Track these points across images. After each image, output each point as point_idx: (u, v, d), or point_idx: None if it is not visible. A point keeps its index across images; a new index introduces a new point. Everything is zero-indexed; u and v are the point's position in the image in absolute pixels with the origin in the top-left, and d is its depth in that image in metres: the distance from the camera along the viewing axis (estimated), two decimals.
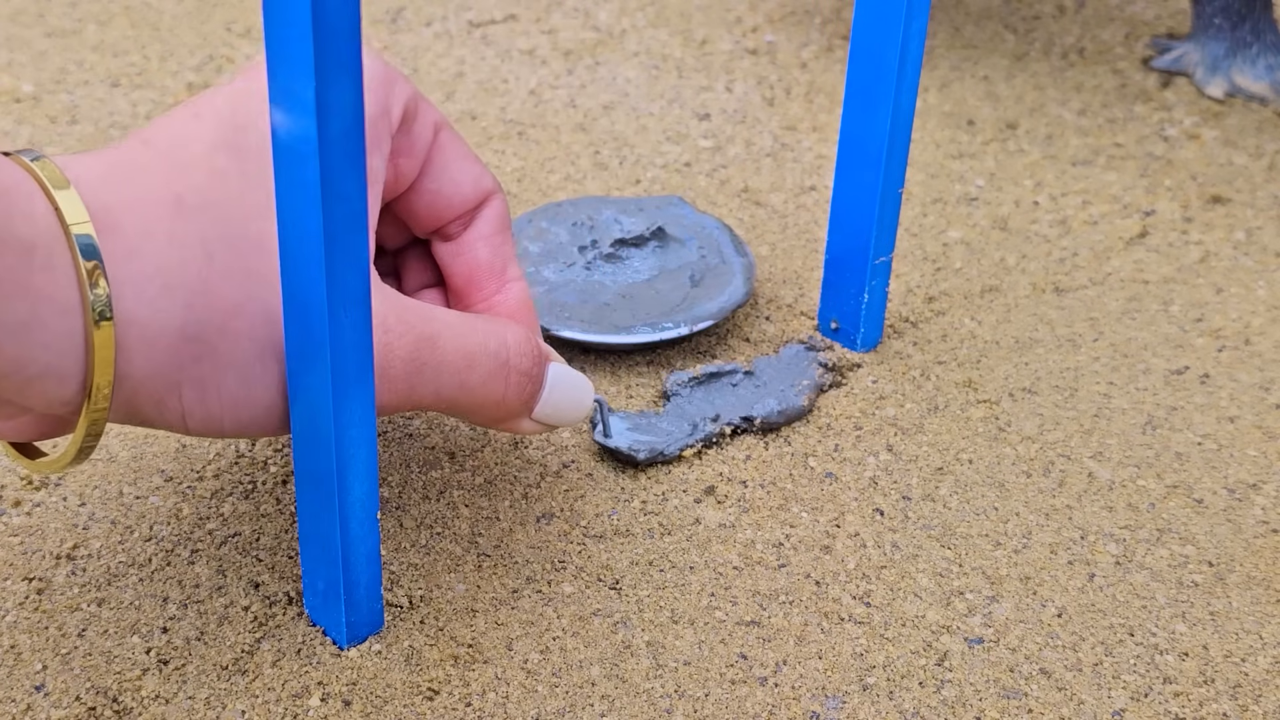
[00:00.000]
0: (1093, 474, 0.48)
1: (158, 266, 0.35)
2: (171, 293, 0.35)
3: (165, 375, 0.36)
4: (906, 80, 0.49)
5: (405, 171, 0.43)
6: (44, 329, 0.33)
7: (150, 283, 0.35)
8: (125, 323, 0.34)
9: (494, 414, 0.42)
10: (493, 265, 0.44)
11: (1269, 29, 0.73)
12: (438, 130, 0.43)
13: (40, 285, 0.33)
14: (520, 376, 0.41)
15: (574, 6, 0.80)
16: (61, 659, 0.40)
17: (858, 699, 0.40)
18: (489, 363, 0.40)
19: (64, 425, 0.38)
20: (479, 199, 0.44)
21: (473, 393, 0.40)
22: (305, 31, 0.31)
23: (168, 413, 0.37)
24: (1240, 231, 0.62)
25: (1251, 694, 0.41)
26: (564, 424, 0.44)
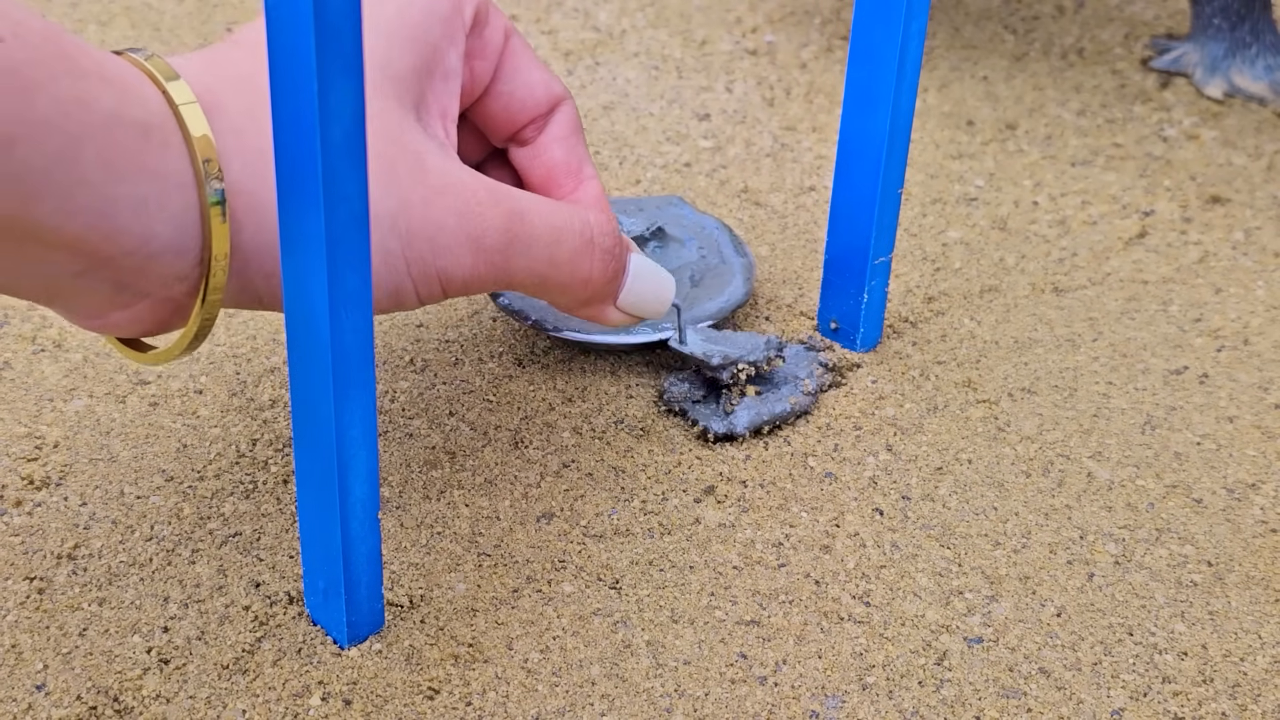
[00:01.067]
0: (1092, 474, 0.48)
1: (260, 143, 0.37)
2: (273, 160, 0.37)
3: (273, 244, 0.38)
4: (906, 80, 0.49)
5: (480, 74, 0.44)
6: (163, 204, 0.35)
7: (256, 155, 0.37)
8: (234, 193, 0.36)
9: (581, 293, 0.43)
10: (569, 164, 0.46)
11: (1268, 29, 0.73)
12: (508, 36, 0.45)
13: (158, 163, 0.35)
14: (604, 254, 0.43)
15: (574, 7, 0.80)
16: (62, 658, 0.40)
17: (857, 698, 0.40)
18: (575, 239, 0.42)
19: (178, 314, 0.39)
20: (551, 103, 0.46)
21: (560, 268, 0.42)
22: (307, 32, 0.31)
23: (276, 286, 0.38)
24: (1239, 232, 0.62)
25: (1250, 693, 0.41)
26: (648, 315, 0.46)
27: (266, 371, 0.51)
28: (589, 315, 0.45)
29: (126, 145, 0.34)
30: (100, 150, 0.34)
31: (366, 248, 0.35)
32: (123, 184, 0.34)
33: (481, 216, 0.40)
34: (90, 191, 0.34)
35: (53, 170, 0.33)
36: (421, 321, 0.54)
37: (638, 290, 0.45)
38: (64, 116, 0.33)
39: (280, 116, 0.33)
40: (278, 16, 0.32)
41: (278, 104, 0.33)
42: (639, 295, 0.45)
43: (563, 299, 0.44)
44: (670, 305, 0.47)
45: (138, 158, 0.35)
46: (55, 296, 0.37)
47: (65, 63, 0.33)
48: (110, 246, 0.35)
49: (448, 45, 0.42)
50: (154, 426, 0.48)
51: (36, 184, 0.33)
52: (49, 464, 0.47)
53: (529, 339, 0.54)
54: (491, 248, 0.40)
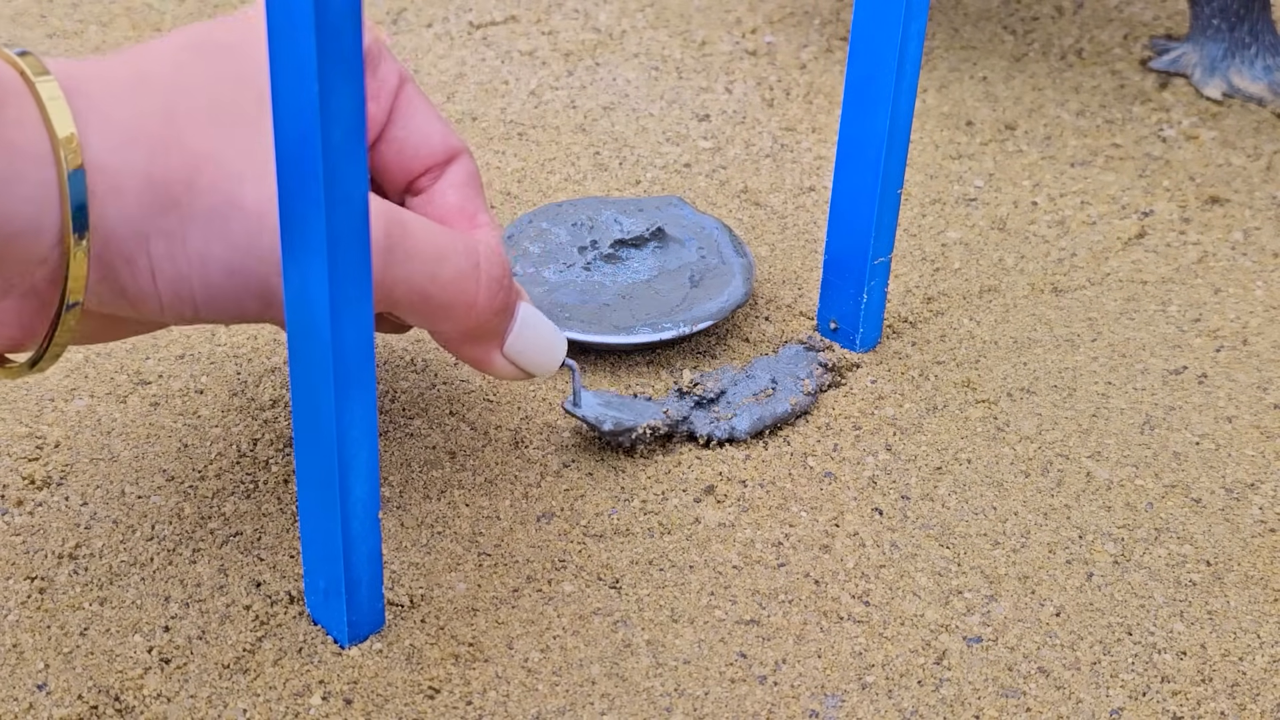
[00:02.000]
0: (1091, 473, 0.48)
1: (122, 121, 0.37)
2: (136, 143, 0.37)
3: (134, 225, 0.37)
4: (905, 81, 0.49)
5: (373, 115, 0.43)
6: (21, 181, 0.35)
7: (116, 133, 0.36)
8: (93, 168, 0.36)
9: (466, 320, 0.41)
10: (463, 210, 0.44)
11: (1267, 30, 0.73)
12: (403, 81, 0.44)
13: (13, 138, 0.35)
14: (491, 280, 0.41)
15: (574, 8, 0.80)
16: (64, 658, 0.40)
17: (857, 698, 0.40)
18: (460, 260, 0.40)
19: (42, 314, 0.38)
20: (448, 154, 0.45)
21: (445, 288, 0.40)
22: (308, 33, 0.31)
23: (139, 273, 0.37)
24: (1238, 232, 0.62)
25: (1249, 693, 0.41)
26: (536, 370, 0.44)
27: (267, 371, 0.51)
28: (475, 357, 0.43)
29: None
30: None
31: (367, 248, 0.35)
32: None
33: None
34: None
35: None
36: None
37: (526, 338, 0.43)
38: None
39: (280, 117, 0.33)
40: (278, 16, 0.32)
41: (278, 104, 0.33)
42: (526, 344, 0.43)
43: (447, 325, 0.42)
44: (561, 364, 0.45)
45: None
46: None
47: None
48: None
49: None
50: (155, 426, 0.49)
51: None
52: (50, 464, 0.47)
53: None
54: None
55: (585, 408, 0.48)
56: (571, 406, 0.48)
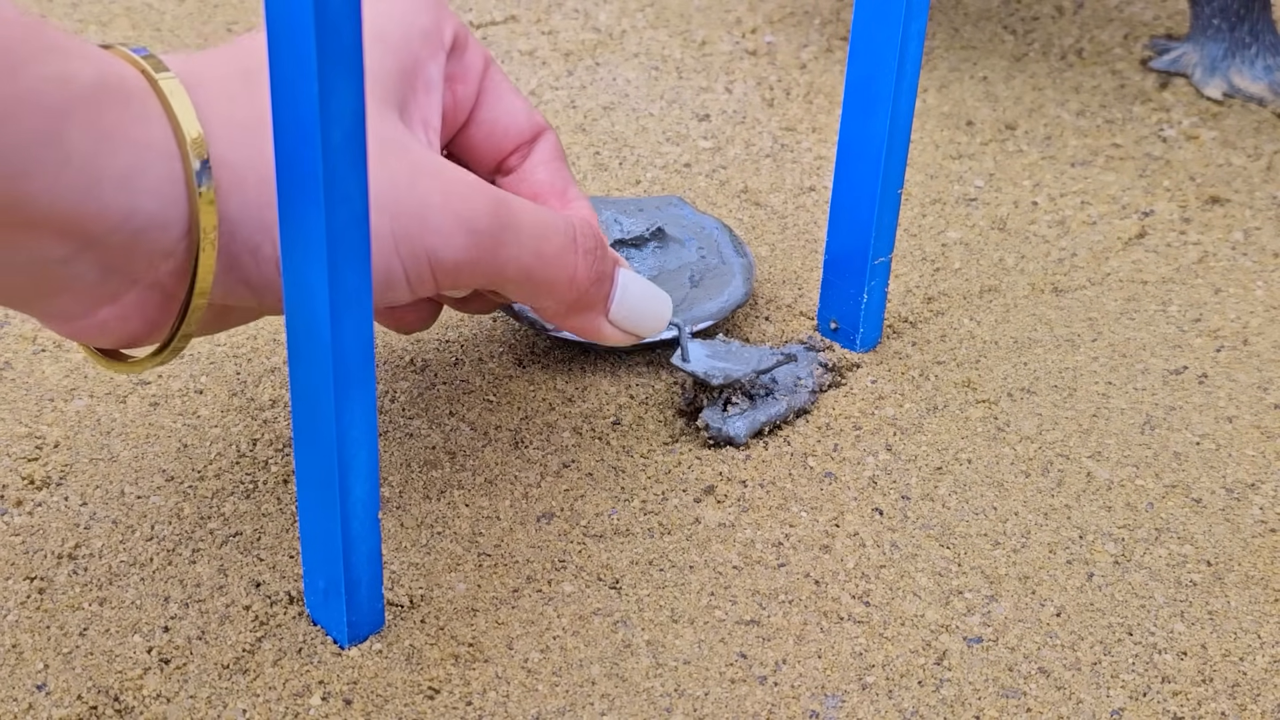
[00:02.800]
0: (1091, 474, 0.48)
1: (240, 112, 0.37)
2: (257, 134, 0.37)
3: (258, 217, 0.37)
4: (905, 81, 0.49)
5: (462, 98, 0.44)
6: (147, 174, 0.35)
7: (236, 128, 0.37)
8: (217, 164, 0.37)
9: (568, 293, 0.43)
10: (554, 186, 0.46)
11: (1267, 30, 0.73)
12: (488, 64, 0.45)
13: (140, 134, 0.35)
14: (587, 254, 0.43)
15: (574, 8, 0.80)
16: (63, 658, 0.40)
17: (857, 698, 0.40)
18: (559, 237, 0.42)
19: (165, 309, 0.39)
20: (534, 131, 0.46)
21: (547, 263, 0.42)
22: (308, 33, 0.31)
23: (263, 262, 0.38)
24: (1238, 232, 0.62)
25: (1250, 693, 0.41)
26: (644, 332, 0.46)
27: (267, 371, 0.51)
28: (583, 327, 0.45)
29: (109, 118, 0.35)
30: (85, 124, 0.34)
31: (367, 248, 0.35)
32: (107, 157, 0.35)
33: (470, 199, 0.40)
34: (76, 167, 0.34)
35: (40, 147, 0.33)
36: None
37: (629, 304, 0.45)
38: (49, 92, 0.33)
39: (280, 117, 0.33)
40: (278, 16, 0.32)
41: (278, 104, 0.33)
42: (631, 309, 0.45)
43: (550, 300, 0.43)
44: (668, 323, 0.46)
45: (120, 129, 0.35)
46: (42, 293, 0.37)
47: (46, 42, 0.34)
48: (97, 224, 0.35)
49: (428, 57, 0.43)
50: (154, 426, 0.49)
51: (24, 161, 0.33)
52: (50, 464, 0.47)
53: (529, 339, 0.54)
54: (482, 230, 0.40)
55: (694, 362, 0.49)
56: (680, 362, 0.48)
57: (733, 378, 0.48)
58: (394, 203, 0.39)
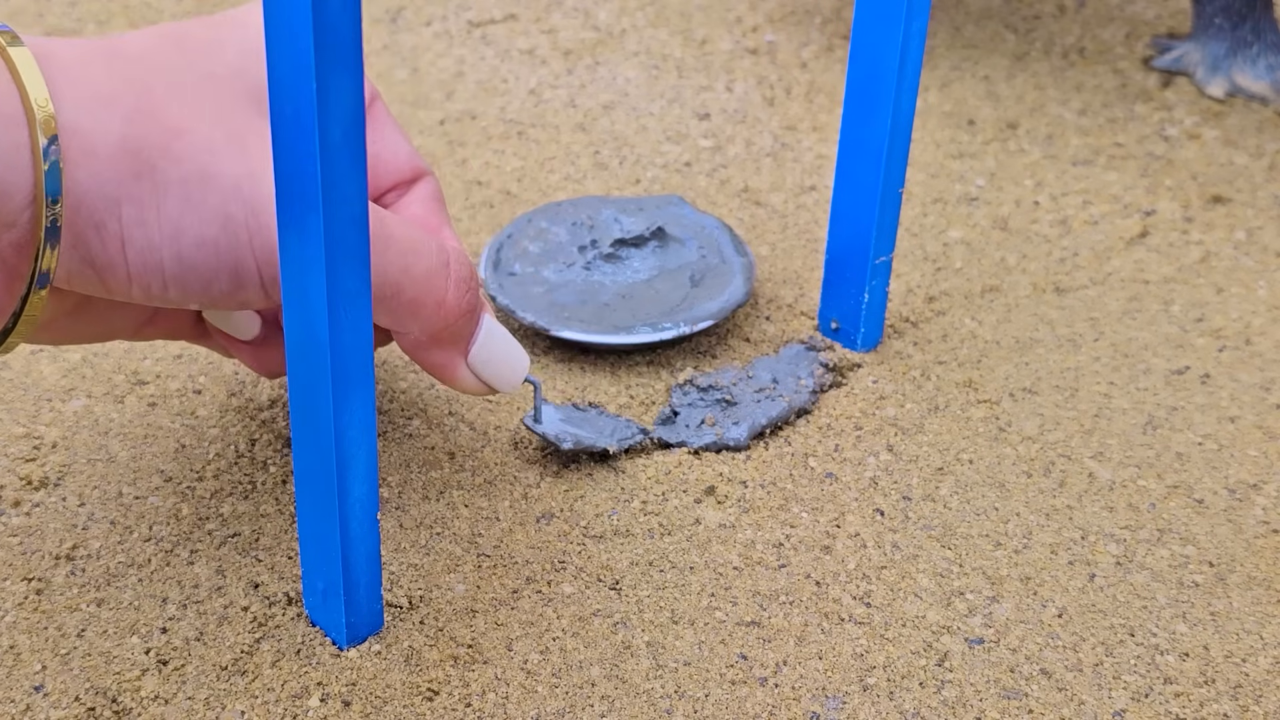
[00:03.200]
0: (1093, 474, 0.48)
1: (97, 87, 0.37)
2: (112, 107, 0.37)
3: (106, 191, 0.37)
4: (907, 80, 0.49)
5: None
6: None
7: (90, 98, 0.37)
8: (66, 131, 0.36)
9: (435, 320, 0.41)
10: (428, 223, 0.44)
11: (1270, 28, 0.73)
12: (373, 98, 0.44)
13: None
14: (460, 280, 0.41)
15: (574, 6, 0.80)
16: (61, 659, 0.40)
17: (858, 699, 0.40)
18: (431, 258, 0.40)
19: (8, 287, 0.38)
20: (415, 173, 0.45)
21: (416, 281, 0.40)
22: (306, 32, 0.31)
23: (108, 240, 0.37)
24: (1241, 231, 0.62)
25: (1252, 694, 0.41)
26: (499, 384, 0.44)
27: None
28: (440, 364, 0.43)
29: None
30: None
31: (366, 248, 0.35)
32: None
33: None
34: None
35: None
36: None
37: (490, 349, 0.43)
38: None
39: (280, 116, 0.33)
40: (277, 16, 0.32)
41: (276, 104, 0.33)
42: (491, 354, 0.43)
43: (415, 324, 0.41)
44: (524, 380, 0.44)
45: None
46: None
47: None
48: None
49: None
50: (152, 427, 0.48)
51: None
52: (47, 464, 0.46)
53: (529, 339, 0.53)
54: None
55: (546, 424, 0.47)
56: (532, 422, 0.47)
57: (583, 444, 0.47)
58: (254, 194, 0.37)
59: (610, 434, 0.48)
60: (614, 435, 0.48)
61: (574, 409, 0.49)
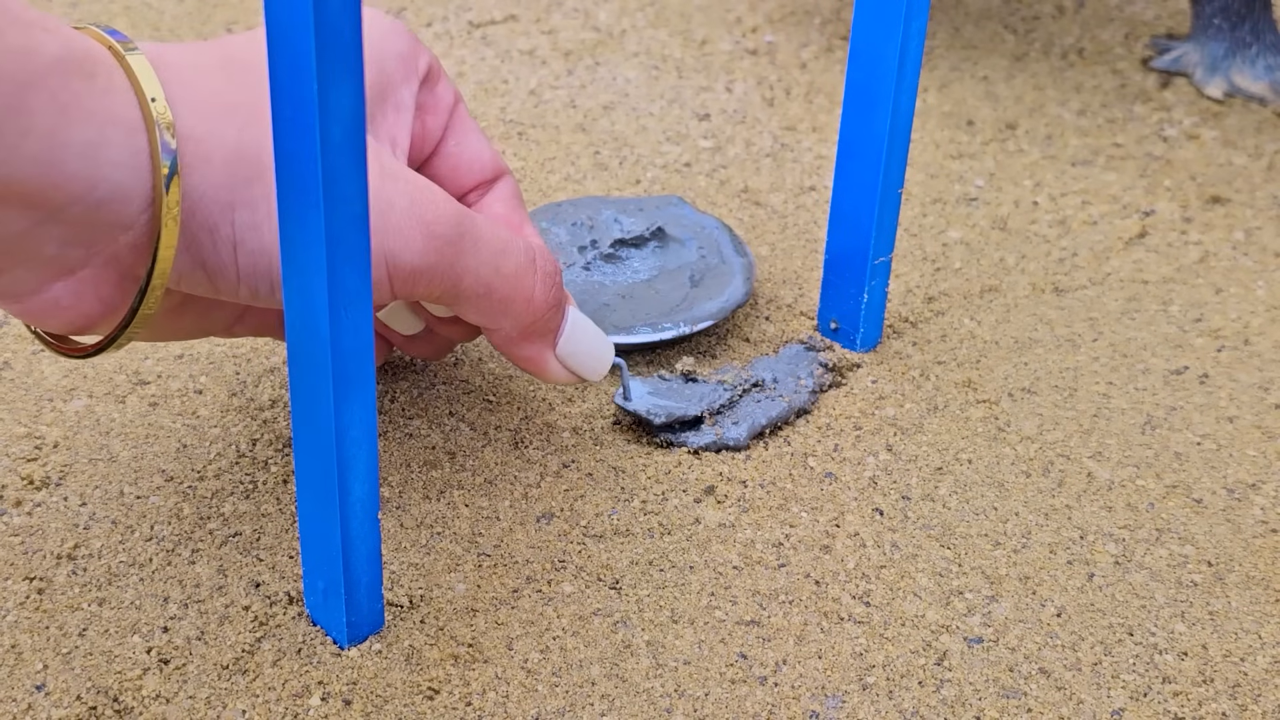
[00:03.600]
0: (1092, 474, 0.48)
1: (211, 92, 0.38)
2: (226, 114, 0.37)
3: (220, 195, 0.37)
4: (906, 80, 0.49)
5: (431, 128, 0.45)
6: (110, 147, 0.36)
7: (205, 104, 0.37)
8: (183, 138, 0.37)
9: (525, 315, 0.43)
10: (510, 220, 0.46)
11: (1268, 29, 0.73)
12: (457, 100, 0.45)
13: (104, 107, 0.35)
14: (546, 276, 0.43)
15: (574, 7, 0.80)
16: (62, 658, 0.40)
17: (857, 698, 0.40)
18: (519, 256, 0.42)
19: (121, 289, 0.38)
20: (495, 172, 0.46)
21: (506, 279, 0.42)
22: (307, 33, 0.31)
23: (220, 243, 0.38)
24: (1239, 231, 0.62)
25: (1251, 693, 0.41)
26: (587, 374, 0.46)
27: (266, 371, 0.51)
28: (531, 357, 0.45)
29: (73, 90, 0.35)
30: (48, 96, 0.34)
31: (366, 248, 0.35)
32: (70, 129, 0.35)
33: (435, 204, 0.40)
34: (39, 138, 0.34)
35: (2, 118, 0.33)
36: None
37: (577, 339, 0.45)
38: (11, 65, 0.33)
39: (280, 116, 0.33)
40: (278, 16, 0.32)
41: (277, 104, 0.33)
42: (578, 345, 0.45)
43: (506, 321, 0.43)
44: (610, 365, 0.46)
45: (84, 102, 0.35)
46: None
47: (8, 15, 0.34)
48: (58, 194, 0.35)
49: (401, 81, 0.43)
50: (154, 426, 0.48)
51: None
52: (49, 464, 0.47)
53: None
54: (442, 236, 0.40)
55: (636, 401, 0.48)
56: (622, 401, 0.48)
57: (675, 415, 0.48)
58: None
59: (699, 400, 0.49)
60: (702, 401, 0.49)
61: (660, 379, 0.50)
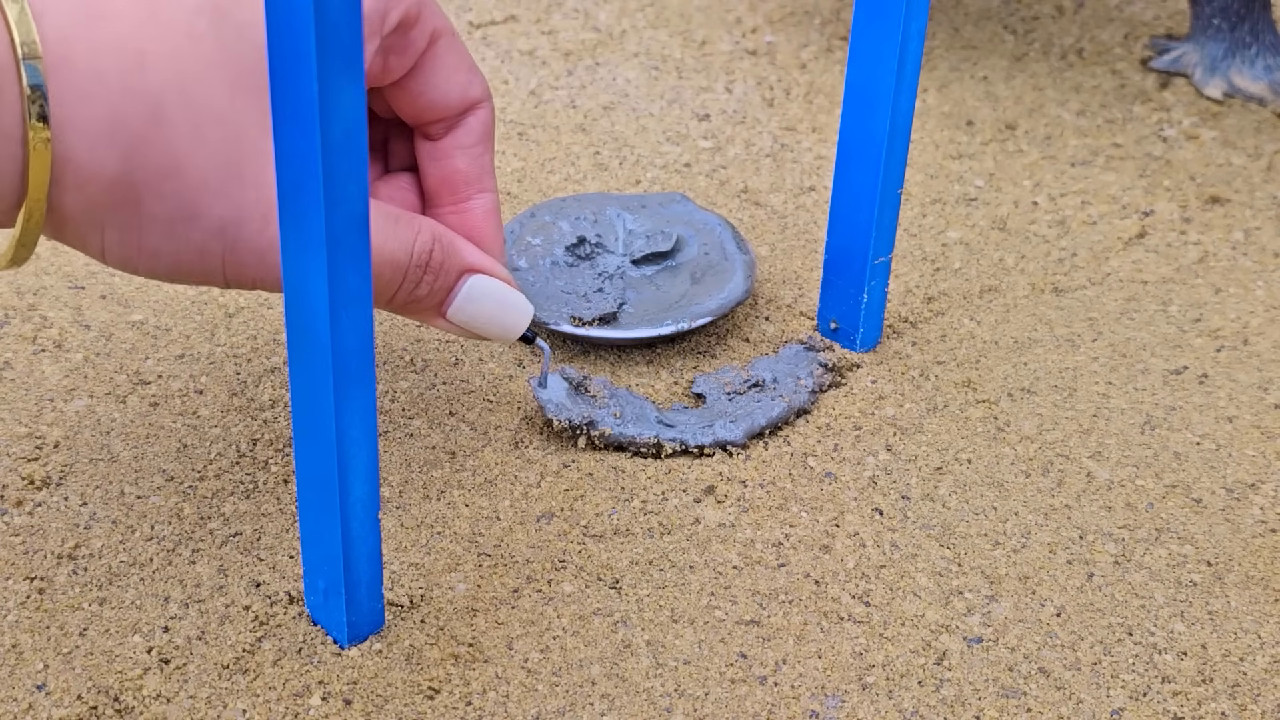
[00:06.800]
0: (1091, 474, 0.48)
1: (104, 113, 0.36)
2: (113, 141, 0.37)
3: (93, 215, 0.37)
4: (905, 81, 0.49)
5: (393, 67, 0.44)
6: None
7: (93, 127, 0.36)
8: (61, 160, 0.36)
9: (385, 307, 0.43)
10: (467, 174, 0.46)
11: (1267, 30, 0.73)
12: (435, 39, 0.44)
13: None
14: (410, 284, 0.43)
15: (574, 7, 0.80)
16: (63, 658, 0.40)
17: (857, 698, 0.40)
18: (391, 271, 0.42)
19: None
20: (464, 106, 0.45)
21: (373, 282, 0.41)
22: (307, 32, 0.31)
23: (89, 245, 0.38)
24: (1239, 232, 0.62)
25: (1250, 693, 0.41)
26: (487, 335, 0.45)
27: (267, 371, 0.51)
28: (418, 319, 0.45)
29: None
30: None
31: (366, 248, 0.35)
32: None
33: None
34: None
35: None
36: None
37: (468, 310, 0.44)
38: None
39: (280, 116, 0.33)
40: (278, 16, 0.32)
41: (277, 103, 0.33)
42: (470, 315, 0.45)
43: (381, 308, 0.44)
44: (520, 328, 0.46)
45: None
46: None
47: None
48: None
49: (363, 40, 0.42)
50: (154, 426, 0.49)
51: None
52: (49, 464, 0.47)
53: None
54: None
55: (550, 391, 0.48)
56: (537, 387, 0.48)
57: (575, 423, 0.48)
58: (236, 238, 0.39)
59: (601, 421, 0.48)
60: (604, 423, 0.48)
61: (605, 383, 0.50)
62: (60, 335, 0.52)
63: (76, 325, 0.53)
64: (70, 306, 0.54)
